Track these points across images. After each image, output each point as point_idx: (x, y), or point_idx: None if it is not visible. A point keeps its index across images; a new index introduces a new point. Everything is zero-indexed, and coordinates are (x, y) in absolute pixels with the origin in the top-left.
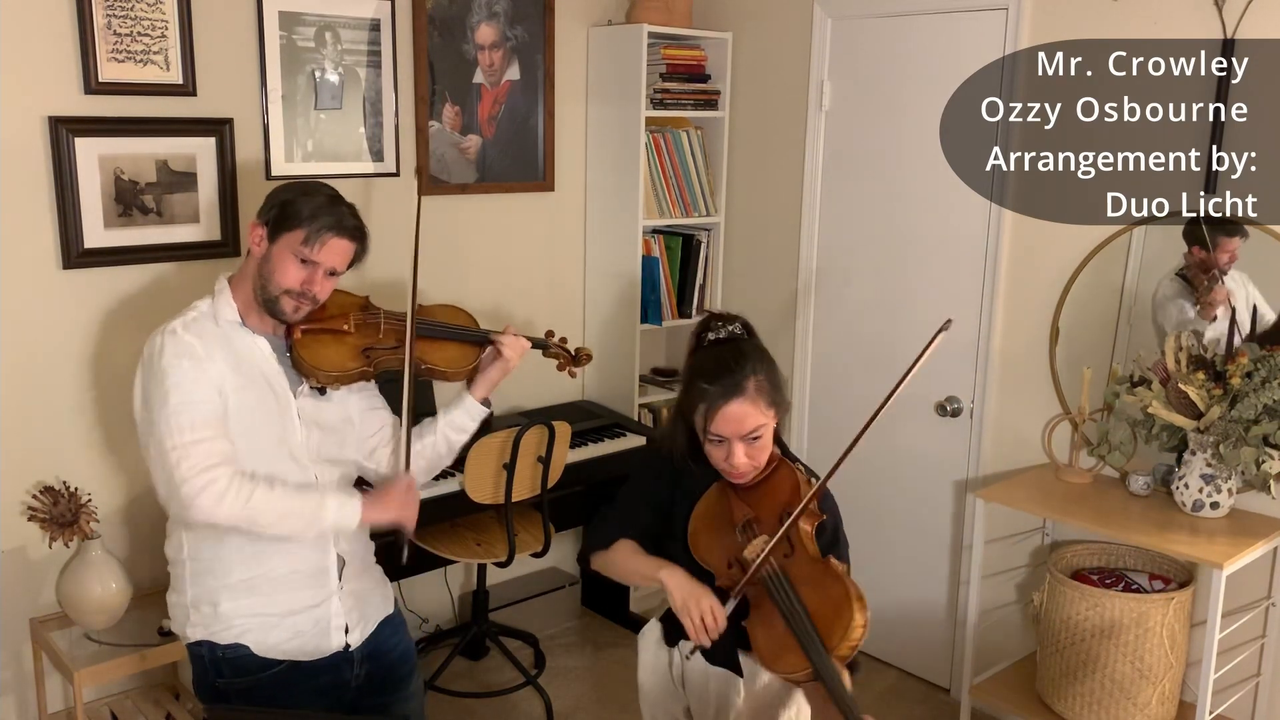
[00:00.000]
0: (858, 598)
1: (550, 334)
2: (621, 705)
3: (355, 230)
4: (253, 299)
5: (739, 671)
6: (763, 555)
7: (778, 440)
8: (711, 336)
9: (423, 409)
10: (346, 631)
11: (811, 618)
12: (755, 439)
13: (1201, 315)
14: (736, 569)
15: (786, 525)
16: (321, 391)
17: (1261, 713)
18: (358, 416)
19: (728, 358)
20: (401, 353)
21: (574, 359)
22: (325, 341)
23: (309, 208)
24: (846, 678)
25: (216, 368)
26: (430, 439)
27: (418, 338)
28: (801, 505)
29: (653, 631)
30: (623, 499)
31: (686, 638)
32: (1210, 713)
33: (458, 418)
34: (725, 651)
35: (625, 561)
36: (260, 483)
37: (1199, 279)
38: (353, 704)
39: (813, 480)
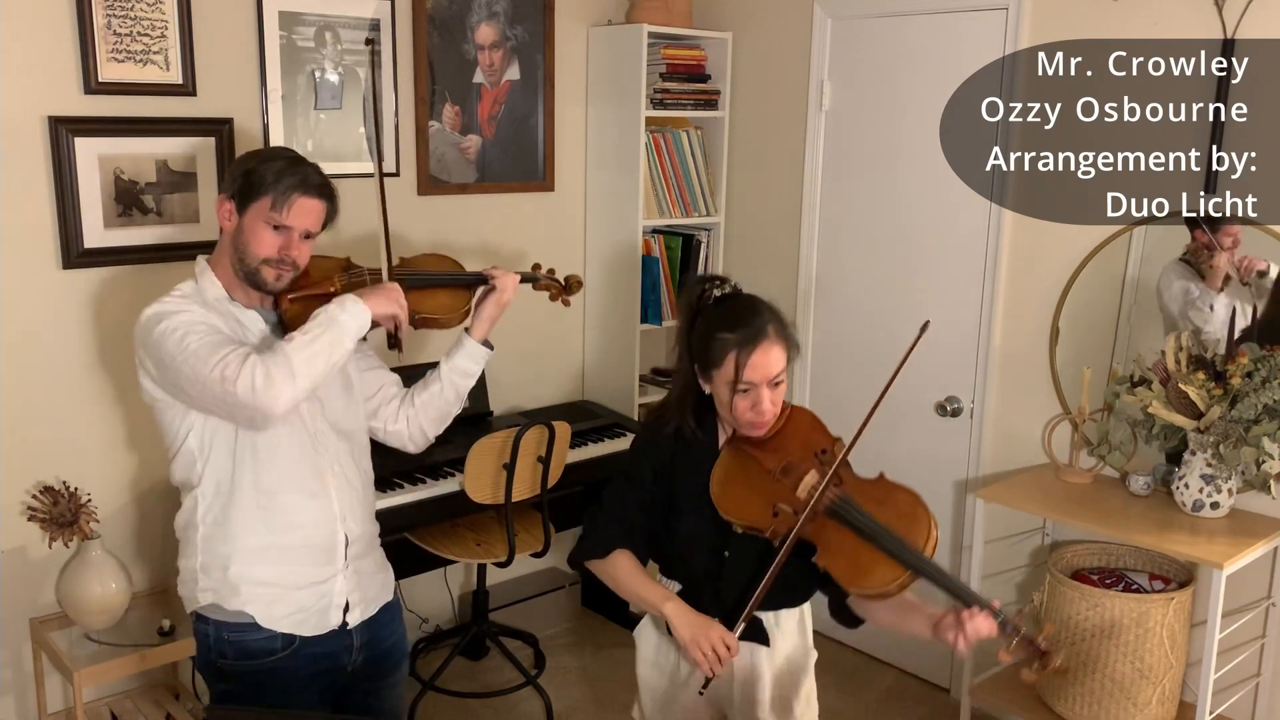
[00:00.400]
0: (925, 504)
1: (538, 266)
2: (621, 705)
3: (322, 187)
4: (234, 274)
5: (765, 640)
6: (824, 484)
7: None
8: (717, 293)
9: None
10: (347, 610)
11: (889, 528)
12: (778, 384)
13: (1209, 284)
14: (788, 512)
15: (845, 453)
16: None
17: (1261, 713)
18: (356, 379)
19: (743, 308)
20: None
21: (565, 288)
22: (313, 305)
23: (272, 173)
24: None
25: (212, 321)
26: (436, 387)
27: (407, 289)
28: (857, 431)
29: (649, 627)
30: (613, 501)
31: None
32: (1210, 713)
33: (461, 362)
34: (749, 624)
35: (627, 580)
36: (279, 346)
37: (1202, 255)
38: (344, 688)
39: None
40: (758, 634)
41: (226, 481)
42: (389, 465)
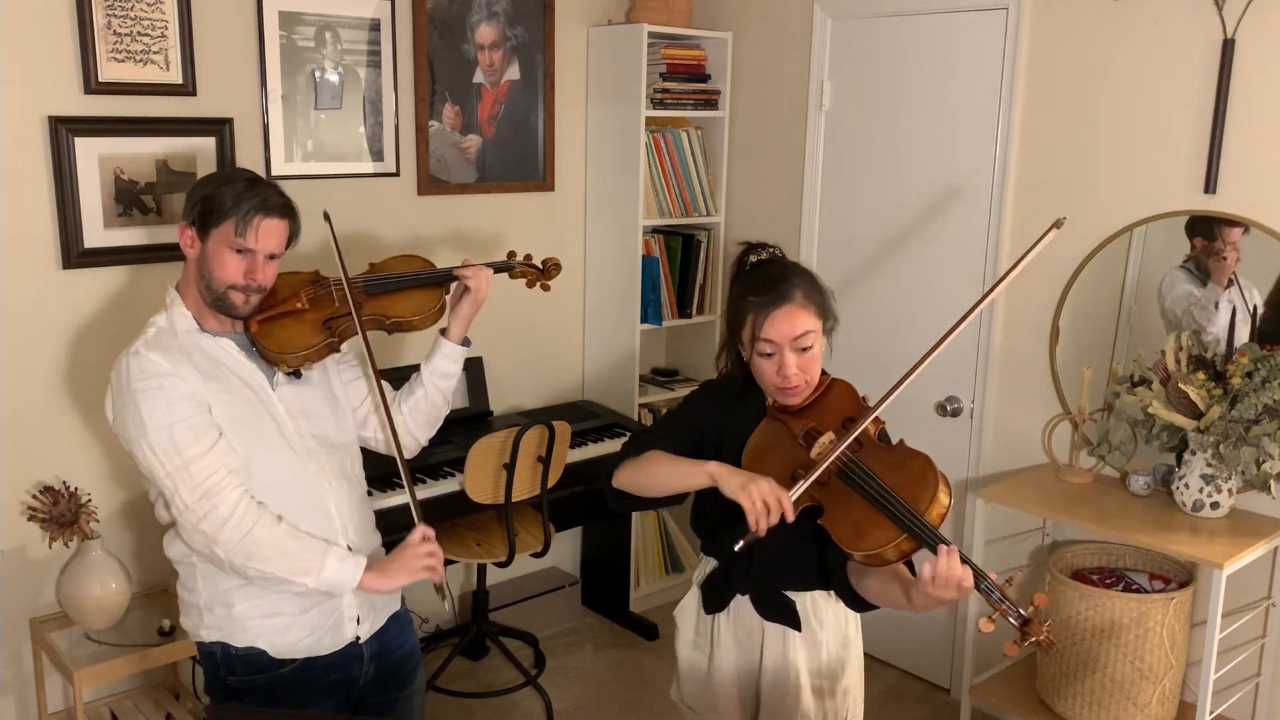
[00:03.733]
0: (939, 471)
1: (513, 254)
2: (621, 705)
3: (283, 208)
4: (203, 302)
5: (796, 625)
6: (838, 450)
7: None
8: (754, 259)
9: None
10: (358, 622)
11: (895, 492)
12: (806, 349)
13: (1215, 283)
14: (801, 475)
15: (861, 425)
16: (297, 375)
17: (1261, 713)
18: (341, 391)
19: (773, 272)
20: (362, 314)
21: (543, 272)
22: (284, 324)
23: (231, 196)
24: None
25: (188, 381)
26: (421, 392)
27: (373, 295)
28: (878, 403)
29: (691, 603)
30: (663, 423)
31: (722, 608)
32: (1210, 713)
33: (440, 364)
34: (781, 605)
35: (664, 465)
36: (265, 515)
37: (1205, 261)
38: (359, 700)
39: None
40: (789, 617)
41: None
42: (389, 465)
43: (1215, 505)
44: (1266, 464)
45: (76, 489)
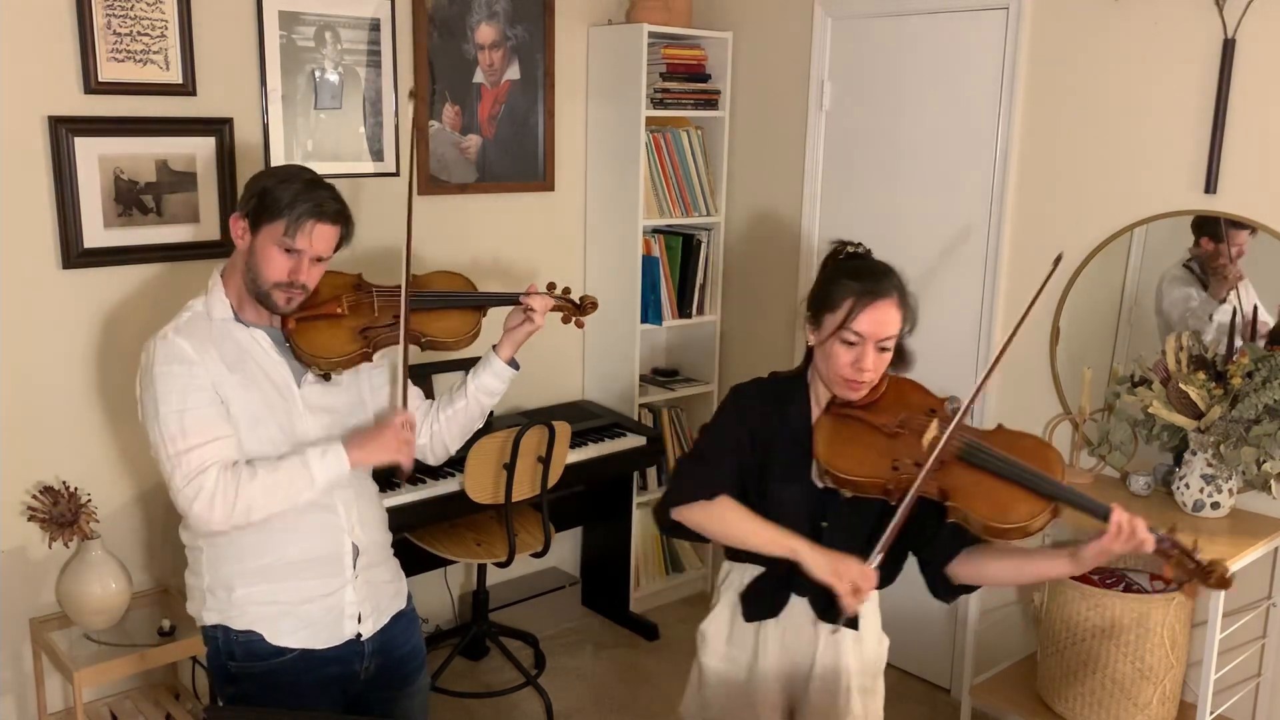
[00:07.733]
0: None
1: (552, 286)
2: (621, 705)
3: (337, 214)
4: (246, 291)
5: (855, 624)
6: (950, 428)
7: None
8: (850, 250)
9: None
10: (359, 620)
11: (1026, 463)
12: (885, 349)
13: (1212, 295)
14: (909, 464)
15: (967, 406)
16: (326, 378)
17: (1262, 713)
18: (369, 397)
19: (874, 265)
20: (399, 331)
21: (579, 308)
22: (320, 327)
23: (287, 195)
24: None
25: (210, 369)
26: (462, 404)
27: (413, 311)
28: (987, 372)
29: (724, 614)
30: (710, 449)
31: (773, 614)
32: (1211, 713)
33: (487, 381)
34: (841, 606)
35: (741, 524)
36: (242, 470)
37: (1210, 265)
38: (359, 696)
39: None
40: (849, 618)
41: None
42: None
43: (1216, 505)
44: (1267, 464)
45: (76, 489)
